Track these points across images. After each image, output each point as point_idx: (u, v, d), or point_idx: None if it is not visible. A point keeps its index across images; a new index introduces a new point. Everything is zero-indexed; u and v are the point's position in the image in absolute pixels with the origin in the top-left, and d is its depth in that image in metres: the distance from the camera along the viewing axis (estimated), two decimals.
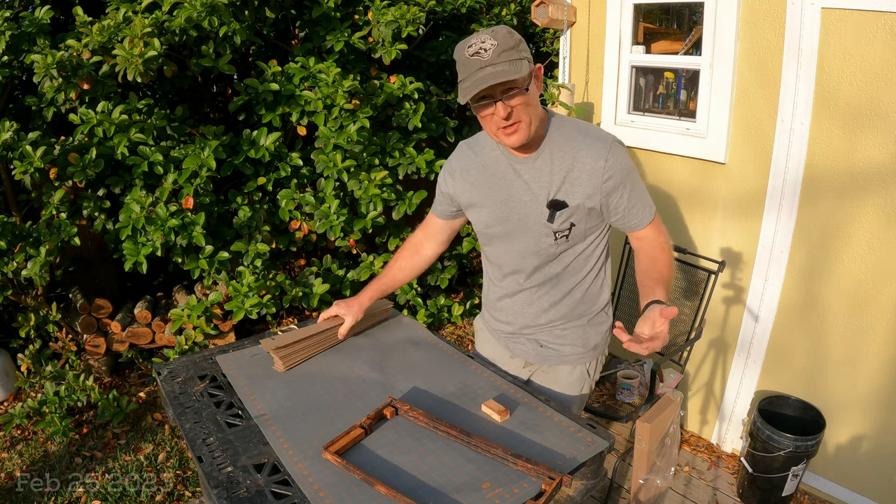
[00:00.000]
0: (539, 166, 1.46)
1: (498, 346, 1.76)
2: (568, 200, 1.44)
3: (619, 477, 2.51)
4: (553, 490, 1.14)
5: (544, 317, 1.61)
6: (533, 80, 1.36)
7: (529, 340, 1.66)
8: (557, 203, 1.45)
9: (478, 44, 1.29)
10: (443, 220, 1.73)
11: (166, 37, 2.52)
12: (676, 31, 2.71)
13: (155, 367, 1.62)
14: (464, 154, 1.60)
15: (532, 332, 1.65)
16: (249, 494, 1.15)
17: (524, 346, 1.67)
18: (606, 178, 1.42)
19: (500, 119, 1.33)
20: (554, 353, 1.64)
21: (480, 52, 1.28)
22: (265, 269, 2.80)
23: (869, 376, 2.19)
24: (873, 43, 1.95)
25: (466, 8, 3.29)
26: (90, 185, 2.72)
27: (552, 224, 1.46)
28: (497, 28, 1.31)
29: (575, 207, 1.45)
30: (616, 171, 1.42)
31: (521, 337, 1.67)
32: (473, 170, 1.56)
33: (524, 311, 1.63)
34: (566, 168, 1.43)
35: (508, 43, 1.29)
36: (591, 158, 1.41)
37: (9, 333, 3.11)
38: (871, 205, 2.07)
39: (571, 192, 1.44)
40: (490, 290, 1.72)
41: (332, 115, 2.72)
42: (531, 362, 1.68)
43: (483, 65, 1.28)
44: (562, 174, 1.44)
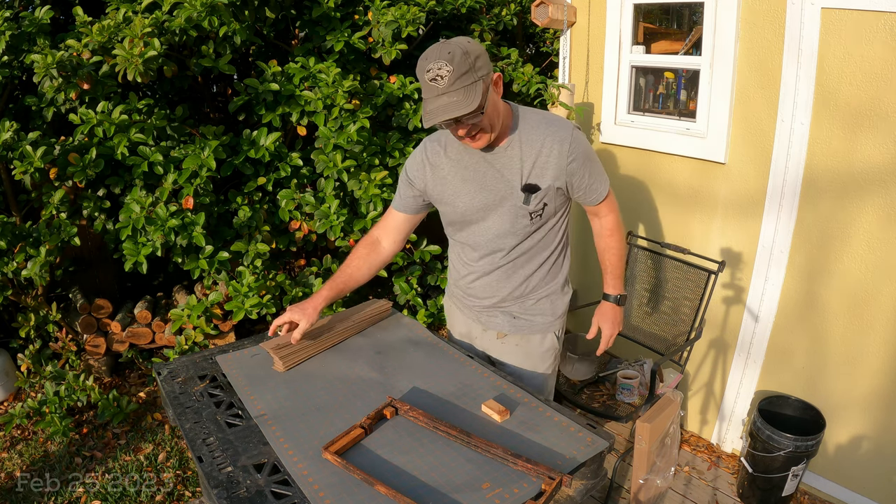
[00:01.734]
0: (510, 154, 1.58)
1: (470, 322, 1.87)
2: (539, 183, 1.58)
3: (619, 477, 2.51)
4: (553, 490, 1.14)
5: (518, 290, 1.74)
6: (491, 89, 1.46)
7: (503, 313, 1.78)
8: (531, 186, 1.58)
9: (434, 68, 1.37)
10: (406, 215, 1.78)
11: (166, 37, 2.52)
12: (676, 31, 2.71)
13: (155, 367, 1.63)
14: (433, 150, 1.68)
15: (507, 306, 1.77)
16: (249, 494, 1.15)
17: (498, 319, 1.79)
18: (570, 160, 1.56)
19: (462, 134, 1.48)
20: (527, 322, 1.77)
21: (437, 80, 1.37)
22: (265, 269, 2.80)
23: (869, 376, 2.19)
24: (873, 43, 1.95)
25: (466, 8, 3.29)
26: (90, 185, 2.72)
27: (528, 206, 1.60)
28: (454, 49, 1.37)
29: (546, 189, 1.59)
30: (578, 153, 1.57)
31: (495, 310, 1.78)
32: (444, 164, 1.66)
33: (501, 286, 1.74)
34: (535, 154, 1.57)
35: (462, 68, 1.37)
36: (557, 144, 1.55)
37: (9, 333, 3.11)
38: (872, 205, 2.07)
39: (542, 175, 1.58)
40: (462, 271, 1.80)
41: (332, 115, 2.72)
42: (505, 332, 1.79)
43: (440, 92, 1.38)
44: (531, 160, 1.57)
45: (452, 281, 1.89)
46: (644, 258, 2.59)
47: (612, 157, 2.91)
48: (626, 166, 2.86)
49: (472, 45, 1.40)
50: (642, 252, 2.60)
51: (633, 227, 2.73)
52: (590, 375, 2.69)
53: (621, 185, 2.90)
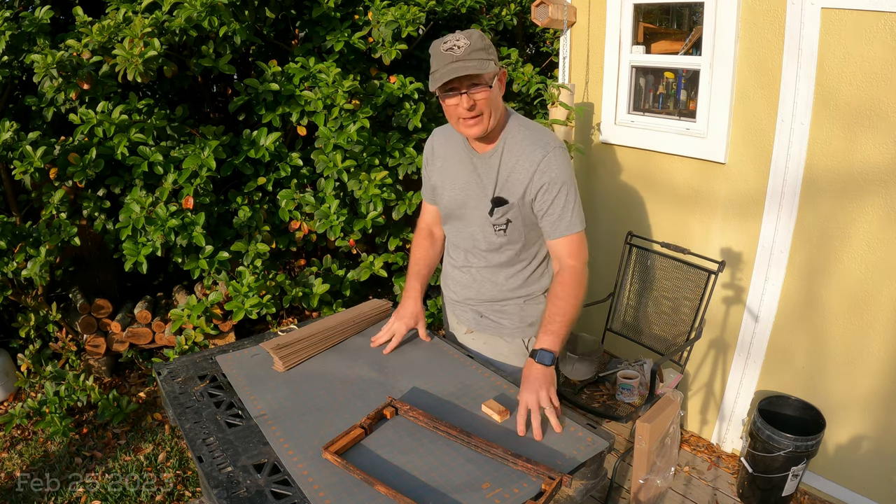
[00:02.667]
0: (491, 164, 1.61)
1: (450, 315, 1.92)
2: (508, 198, 1.59)
3: (619, 477, 2.51)
4: (553, 490, 1.14)
5: (486, 295, 1.75)
6: (497, 81, 1.50)
7: (472, 310, 1.80)
8: (499, 199, 1.60)
9: (452, 41, 1.44)
10: (434, 206, 1.85)
11: (166, 37, 2.52)
12: (676, 31, 2.71)
13: (155, 367, 1.63)
14: (437, 140, 1.76)
15: (474, 305, 1.79)
16: (249, 494, 1.15)
17: (467, 314, 1.82)
18: (537, 181, 1.55)
19: (464, 109, 1.48)
20: (493, 324, 1.78)
21: (453, 49, 1.43)
22: (265, 269, 2.80)
23: (869, 376, 2.19)
24: (873, 43, 1.95)
25: (466, 8, 3.29)
26: (90, 185, 2.72)
27: (491, 217, 1.62)
28: (472, 31, 1.47)
29: (512, 205, 1.59)
30: (547, 177, 1.54)
31: (465, 306, 1.82)
32: (441, 156, 1.73)
33: (469, 286, 1.78)
34: (509, 168, 1.58)
35: (479, 45, 1.44)
36: (529, 162, 1.55)
37: (9, 333, 3.11)
38: (872, 205, 2.07)
39: (511, 190, 1.58)
40: (447, 261, 1.87)
41: (332, 115, 2.72)
42: (472, 329, 1.82)
43: (455, 59, 1.42)
44: (506, 173, 1.59)
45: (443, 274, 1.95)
46: (644, 258, 2.59)
47: (612, 157, 2.91)
48: (625, 166, 2.86)
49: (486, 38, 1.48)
50: (642, 252, 2.60)
51: (633, 227, 2.73)
52: (590, 375, 2.69)
53: (621, 185, 2.90)
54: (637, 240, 2.63)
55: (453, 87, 1.46)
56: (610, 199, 2.98)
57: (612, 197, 2.97)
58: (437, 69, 1.45)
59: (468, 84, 1.45)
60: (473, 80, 1.45)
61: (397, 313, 1.77)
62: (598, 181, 3.01)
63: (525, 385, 1.43)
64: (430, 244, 1.89)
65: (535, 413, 1.36)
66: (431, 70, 1.48)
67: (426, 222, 1.90)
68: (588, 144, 3.00)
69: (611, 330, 2.73)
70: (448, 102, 1.50)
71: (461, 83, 1.45)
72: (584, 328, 2.97)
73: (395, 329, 1.73)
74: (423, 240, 1.89)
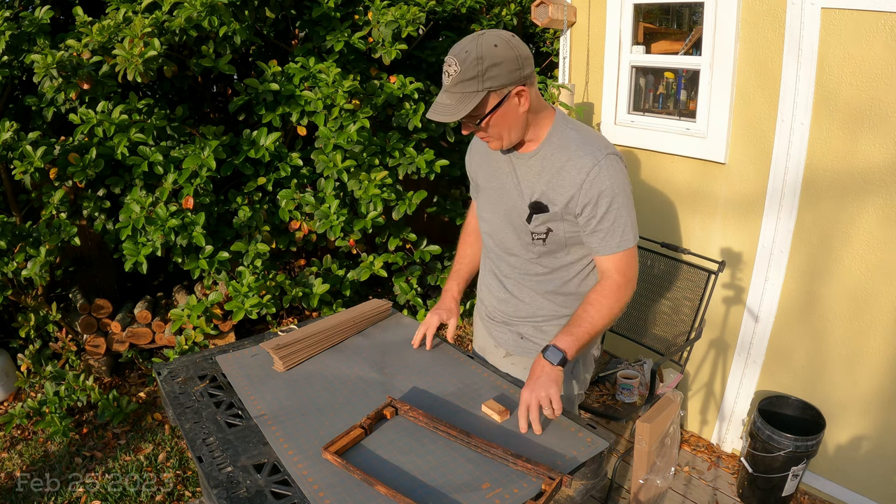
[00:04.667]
0: (531, 165, 1.47)
1: (485, 334, 1.78)
2: (549, 205, 1.44)
3: (620, 477, 2.51)
4: (553, 490, 1.14)
5: (524, 311, 1.62)
6: (507, 101, 1.33)
7: (511, 331, 1.67)
8: (538, 205, 1.45)
9: (448, 62, 1.30)
10: None
11: (166, 37, 2.52)
12: (676, 31, 2.71)
13: (155, 367, 1.62)
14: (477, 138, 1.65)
15: (515, 324, 1.66)
16: (249, 494, 1.15)
17: (506, 336, 1.69)
18: (585, 193, 1.39)
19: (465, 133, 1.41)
20: (534, 346, 1.62)
21: (446, 74, 1.31)
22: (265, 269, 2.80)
23: (869, 376, 2.19)
24: (873, 43, 1.95)
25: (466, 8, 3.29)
26: (90, 185, 2.72)
27: (529, 224, 1.48)
28: (472, 49, 1.28)
29: (553, 214, 1.44)
30: (597, 189, 1.38)
31: (504, 326, 1.69)
32: (481, 152, 1.62)
33: (506, 300, 1.65)
34: (553, 173, 1.43)
35: (469, 73, 1.27)
36: (576, 171, 1.39)
37: (9, 333, 3.11)
38: (872, 205, 2.07)
39: (553, 198, 1.44)
40: (484, 274, 1.75)
41: (332, 115, 2.72)
42: (511, 353, 1.69)
43: (444, 89, 1.32)
44: (547, 178, 1.44)
45: (478, 287, 1.81)
46: (644, 258, 2.59)
47: None
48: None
49: (497, 50, 1.28)
50: (642, 252, 2.60)
51: None
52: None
53: None
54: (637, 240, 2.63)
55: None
56: None
57: None
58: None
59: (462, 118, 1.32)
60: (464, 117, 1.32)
61: (433, 309, 1.73)
62: None
63: (528, 383, 1.37)
64: (476, 241, 1.80)
65: (533, 411, 1.32)
66: None
67: (474, 216, 1.80)
68: None
69: (611, 330, 2.73)
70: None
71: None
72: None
73: (428, 322, 1.68)
74: (469, 236, 1.82)
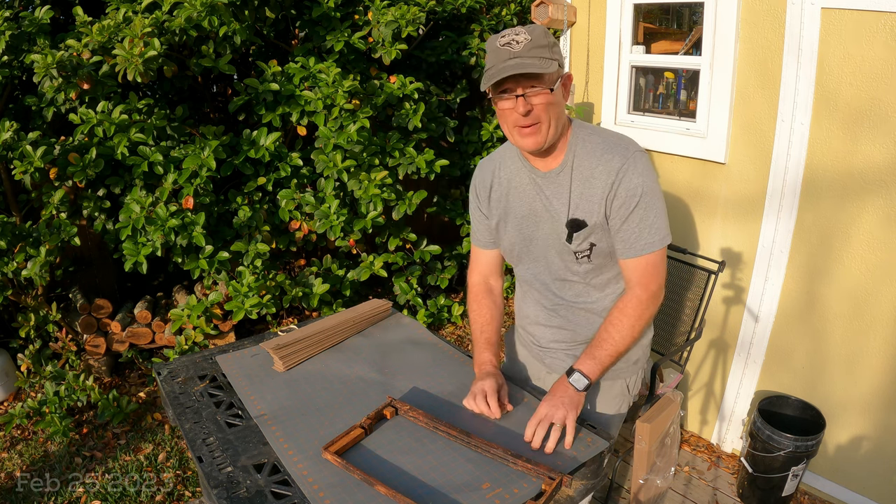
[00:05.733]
0: (561, 182, 1.39)
1: (533, 361, 1.67)
2: (586, 219, 1.37)
3: (619, 477, 2.51)
4: (553, 490, 1.14)
5: (583, 335, 1.53)
6: (560, 85, 1.31)
7: (568, 356, 1.57)
8: (576, 223, 1.37)
9: (511, 35, 1.25)
10: (493, 251, 1.62)
11: (166, 37, 2.52)
12: (676, 31, 2.71)
13: (155, 367, 1.63)
14: (485, 169, 1.54)
15: (571, 348, 1.56)
16: (249, 494, 1.15)
17: (563, 363, 1.57)
18: (614, 192, 1.34)
19: (519, 116, 1.28)
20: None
21: (511, 44, 1.25)
22: (265, 269, 2.80)
23: (869, 376, 2.19)
24: (874, 43, 1.95)
25: (466, 8, 3.29)
26: (90, 185, 2.72)
27: (570, 244, 1.40)
28: (535, 26, 1.28)
29: (593, 226, 1.37)
30: (625, 187, 1.33)
31: (559, 352, 1.59)
32: (496, 184, 1.51)
33: (562, 327, 1.55)
34: (583, 184, 1.37)
35: (542, 41, 1.25)
36: (606, 172, 1.34)
37: (9, 333, 3.11)
38: (872, 205, 2.07)
39: (588, 209, 1.37)
40: (524, 306, 1.64)
41: (332, 115, 2.72)
42: None
43: (511, 56, 1.24)
44: (579, 191, 1.37)
45: (518, 317, 1.70)
46: None
47: None
48: None
49: (551, 35, 1.29)
50: None
51: None
52: None
53: None
54: None
55: (508, 88, 1.28)
56: None
57: None
58: (491, 66, 1.26)
59: (526, 85, 1.26)
60: (532, 81, 1.25)
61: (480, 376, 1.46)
62: None
63: (548, 398, 1.33)
64: (492, 303, 1.61)
65: (543, 425, 1.28)
66: (486, 68, 1.29)
67: (481, 274, 1.64)
68: None
69: None
70: (501, 106, 1.31)
71: (517, 84, 1.26)
72: None
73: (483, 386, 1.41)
74: (484, 299, 1.62)
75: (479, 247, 1.63)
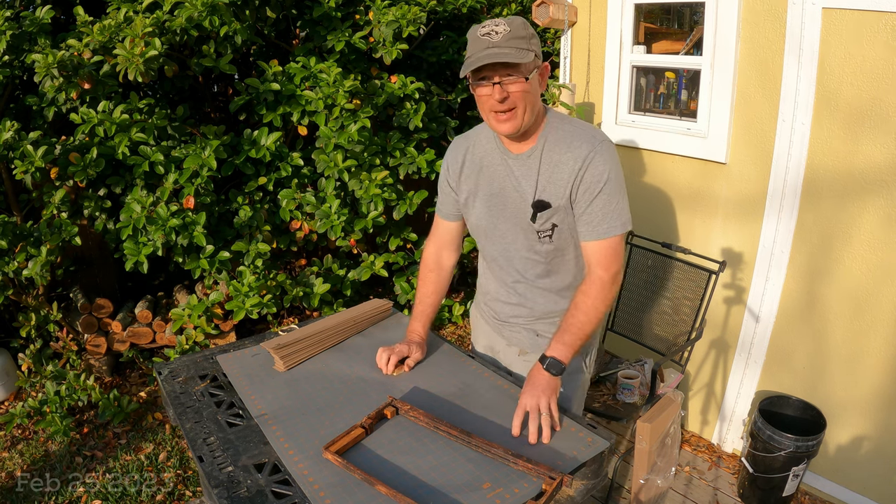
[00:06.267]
0: (531, 164, 1.48)
1: (493, 335, 1.77)
2: (551, 201, 1.46)
3: (620, 477, 2.51)
4: (553, 490, 1.14)
5: (539, 310, 1.63)
6: (537, 74, 1.39)
7: (526, 330, 1.67)
8: (542, 203, 1.46)
9: (491, 26, 1.34)
10: (454, 223, 1.70)
11: (167, 36, 2.52)
12: (677, 30, 2.71)
13: (156, 366, 1.63)
14: (459, 146, 1.62)
15: (529, 323, 1.66)
16: (250, 494, 1.15)
17: (520, 336, 1.68)
18: (580, 178, 1.42)
19: (496, 102, 1.36)
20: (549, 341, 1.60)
21: (491, 34, 1.33)
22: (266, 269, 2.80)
23: (870, 377, 2.19)
24: (874, 43, 1.95)
25: (467, 8, 3.29)
26: (91, 185, 2.72)
27: (534, 224, 1.48)
28: (514, 18, 1.36)
29: (556, 208, 1.46)
30: (591, 173, 1.41)
31: (518, 326, 1.68)
32: (469, 161, 1.59)
33: (521, 304, 1.64)
34: (551, 168, 1.45)
35: (520, 33, 1.33)
36: (573, 159, 1.42)
37: (9, 333, 3.11)
38: (873, 206, 2.07)
39: (554, 192, 1.45)
40: (487, 282, 1.73)
41: (332, 115, 2.72)
42: (527, 350, 1.69)
43: (490, 45, 1.32)
44: (547, 174, 1.46)
45: (479, 292, 1.80)
46: (644, 258, 2.59)
47: None
48: (626, 166, 2.86)
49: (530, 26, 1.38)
50: (643, 252, 2.60)
51: (634, 226, 2.72)
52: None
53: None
54: (638, 239, 2.63)
55: (486, 76, 1.35)
56: None
57: None
58: (471, 54, 1.34)
59: (503, 73, 1.33)
60: (509, 69, 1.33)
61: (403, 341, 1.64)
62: None
63: (528, 389, 1.39)
64: (437, 277, 1.74)
65: (533, 416, 1.33)
66: (466, 56, 1.37)
67: (436, 245, 1.74)
68: None
69: (611, 330, 2.73)
70: (479, 92, 1.38)
71: (495, 72, 1.34)
72: None
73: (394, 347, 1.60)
74: (430, 273, 1.74)
75: (441, 217, 1.72)
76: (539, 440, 1.30)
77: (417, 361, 1.60)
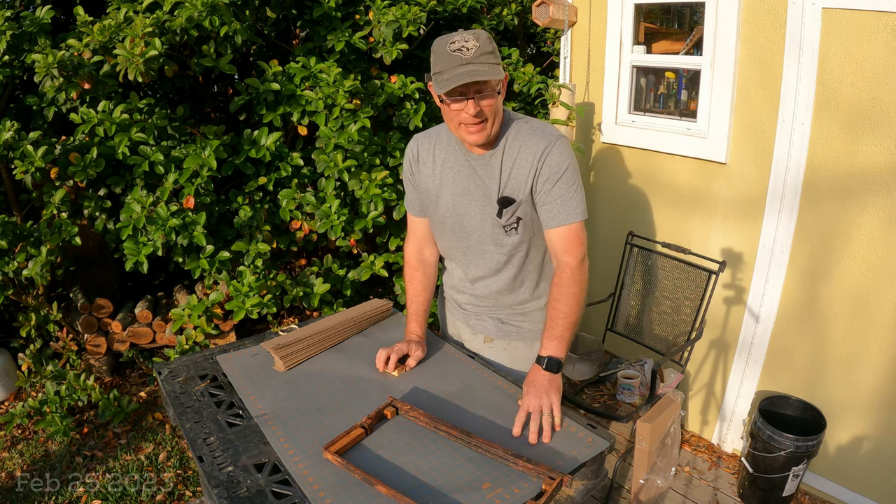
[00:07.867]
0: (493, 163, 1.53)
1: (459, 324, 1.83)
2: (514, 196, 1.52)
3: (620, 477, 2.51)
4: (553, 490, 1.14)
5: (504, 301, 1.69)
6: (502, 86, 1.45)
7: (490, 318, 1.73)
8: (506, 200, 1.53)
9: (460, 41, 1.37)
10: (424, 220, 1.74)
11: (167, 36, 2.52)
12: (677, 31, 2.71)
13: (156, 366, 1.63)
14: (422, 146, 1.65)
15: (493, 312, 1.72)
16: (250, 494, 1.15)
17: (485, 324, 1.74)
18: (538, 170, 1.49)
19: (469, 116, 1.41)
20: (514, 328, 1.72)
21: (462, 50, 1.36)
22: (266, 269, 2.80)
23: (870, 377, 2.19)
24: (874, 43, 1.95)
25: (467, 8, 3.29)
26: (91, 185, 2.72)
27: (500, 219, 1.54)
28: (479, 31, 1.40)
29: (520, 202, 1.52)
30: (548, 166, 1.48)
31: (483, 315, 1.74)
32: (431, 161, 1.63)
33: (487, 296, 1.70)
34: (511, 164, 1.51)
35: (488, 47, 1.38)
36: (531, 154, 1.49)
37: (9, 333, 3.11)
38: (873, 206, 2.07)
39: (516, 187, 1.52)
40: (452, 274, 1.78)
41: (332, 115, 2.72)
42: (492, 337, 1.74)
43: (464, 62, 1.35)
44: (508, 171, 1.52)
45: (445, 285, 1.85)
46: (645, 258, 2.59)
47: (612, 157, 2.91)
48: (626, 166, 2.86)
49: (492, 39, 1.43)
50: (643, 252, 2.60)
51: (634, 227, 2.73)
52: (590, 375, 2.69)
53: (622, 185, 2.90)
54: (638, 240, 2.63)
55: (460, 92, 1.38)
56: (611, 199, 2.98)
57: (612, 197, 2.97)
58: (442, 70, 1.37)
59: (475, 89, 1.38)
60: (480, 85, 1.38)
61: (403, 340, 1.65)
62: (599, 181, 3.01)
63: (529, 390, 1.39)
64: (423, 275, 1.77)
65: (535, 417, 1.33)
66: (435, 70, 1.40)
67: (416, 244, 1.77)
68: (589, 144, 3.00)
69: (612, 330, 2.73)
70: (453, 107, 1.42)
71: (468, 88, 1.37)
72: (585, 328, 2.97)
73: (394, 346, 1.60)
74: (416, 271, 1.77)
75: (414, 214, 1.75)
76: (539, 440, 1.30)
77: (419, 360, 1.61)
